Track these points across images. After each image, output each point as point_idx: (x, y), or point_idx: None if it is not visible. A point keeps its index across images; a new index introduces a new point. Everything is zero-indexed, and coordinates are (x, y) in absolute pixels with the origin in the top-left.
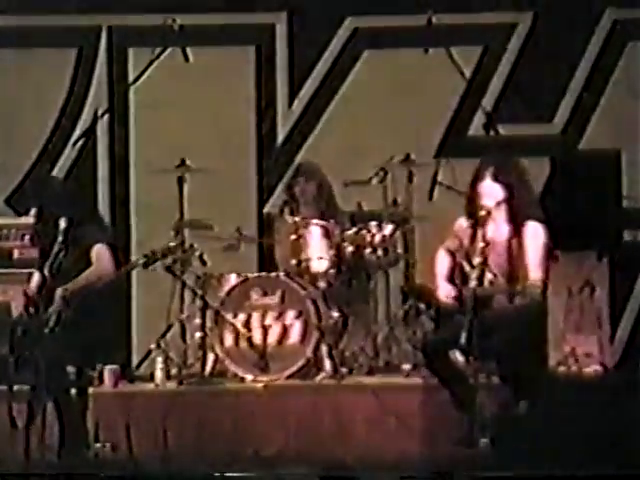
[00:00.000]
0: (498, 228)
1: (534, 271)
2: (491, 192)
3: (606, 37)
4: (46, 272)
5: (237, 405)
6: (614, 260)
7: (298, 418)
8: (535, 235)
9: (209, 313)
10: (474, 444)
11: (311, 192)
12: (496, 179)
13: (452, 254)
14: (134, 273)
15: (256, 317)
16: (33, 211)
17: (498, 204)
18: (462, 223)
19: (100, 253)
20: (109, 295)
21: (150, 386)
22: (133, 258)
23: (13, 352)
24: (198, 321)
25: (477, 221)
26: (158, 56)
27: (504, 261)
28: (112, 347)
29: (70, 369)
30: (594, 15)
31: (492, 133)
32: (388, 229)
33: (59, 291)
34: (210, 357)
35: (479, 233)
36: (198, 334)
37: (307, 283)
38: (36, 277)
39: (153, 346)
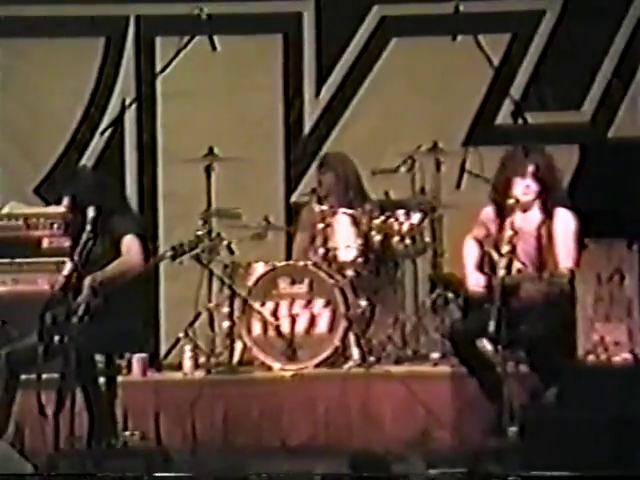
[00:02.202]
0: (527, 216)
1: (564, 260)
2: (524, 190)
3: (636, 24)
4: (75, 261)
5: (265, 394)
6: None
7: (326, 407)
8: (565, 223)
9: (237, 302)
10: (503, 433)
11: (329, 183)
12: (535, 177)
13: (480, 243)
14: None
15: (284, 306)
16: (66, 200)
17: (532, 199)
18: (489, 212)
19: (130, 245)
20: (137, 284)
21: (178, 375)
22: (161, 247)
23: (42, 340)
24: (226, 310)
25: (505, 209)
26: (186, 45)
27: (533, 249)
28: (140, 336)
29: (99, 358)
30: (623, 1)
31: (520, 121)
32: (416, 217)
33: (87, 280)
34: (238, 346)
35: (507, 221)
36: (226, 323)
37: (335, 272)
38: (68, 266)
39: (181, 335)
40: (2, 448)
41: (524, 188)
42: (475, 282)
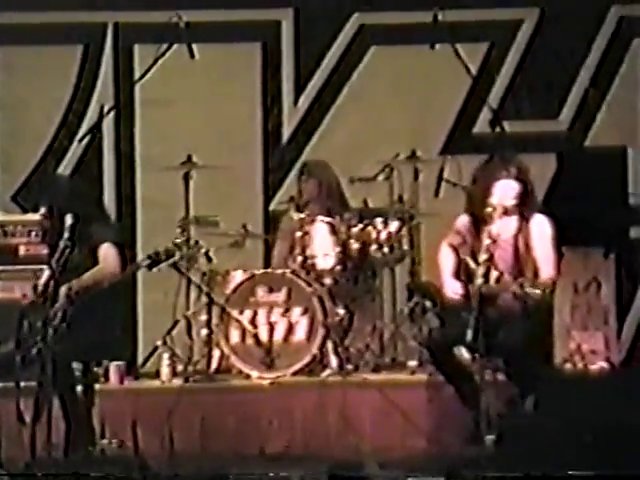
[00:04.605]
0: (504, 224)
1: (545, 266)
2: (507, 192)
3: (612, 34)
4: (53, 268)
5: (243, 402)
6: (620, 257)
7: (304, 415)
8: (542, 229)
9: (215, 310)
10: (480, 441)
11: (310, 191)
12: (517, 179)
13: (455, 250)
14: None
15: (262, 314)
16: (43, 209)
17: (514, 203)
18: (464, 220)
19: (107, 253)
20: (115, 291)
21: (156, 383)
22: (139, 255)
23: (19, 348)
24: (204, 318)
25: (482, 218)
26: (164, 53)
27: (509, 257)
28: (118, 344)
29: (76, 366)
30: (600, 11)
31: (498, 129)
32: (394, 226)
33: (63, 288)
34: (216, 354)
35: (485, 230)
36: (204, 331)
37: (313, 280)
38: (45, 273)
39: (159, 343)
40: None
41: (508, 189)
42: (452, 290)
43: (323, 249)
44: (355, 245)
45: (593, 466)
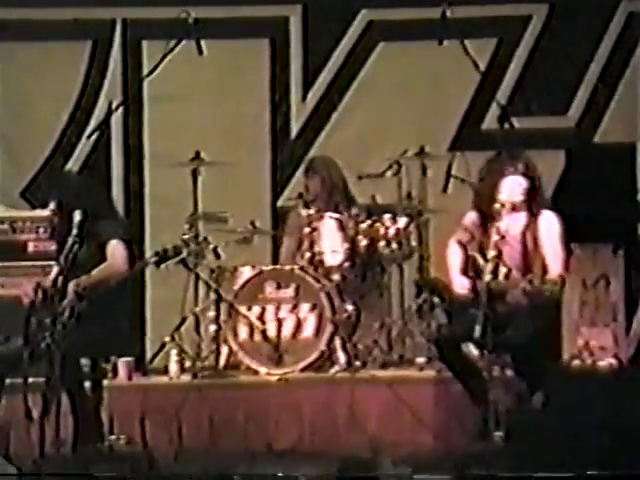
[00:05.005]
0: (512, 219)
1: (553, 264)
2: (515, 188)
3: (621, 29)
4: (61, 265)
5: (251, 398)
6: (629, 253)
7: (312, 411)
8: (550, 225)
9: (223, 306)
10: (488, 437)
11: (315, 187)
12: (525, 175)
13: (463, 246)
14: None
15: (270, 310)
16: (52, 205)
17: (522, 200)
18: (472, 217)
19: (115, 250)
20: (123, 288)
21: (164, 379)
22: (147, 251)
23: (28, 344)
24: (212, 314)
25: (491, 215)
26: (172, 49)
27: (518, 253)
28: (126, 340)
29: (84, 362)
30: (609, 7)
31: (506, 126)
32: (402, 222)
33: (71, 285)
34: (224, 350)
35: (493, 226)
36: (212, 327)
37: (321, 276)
38: (54, 270)
39: (167, 339)
40: None
41: (516, 185)
42: (460, 285)
43: (331, 245)
44: (363, 241)
45: (600, 463)
